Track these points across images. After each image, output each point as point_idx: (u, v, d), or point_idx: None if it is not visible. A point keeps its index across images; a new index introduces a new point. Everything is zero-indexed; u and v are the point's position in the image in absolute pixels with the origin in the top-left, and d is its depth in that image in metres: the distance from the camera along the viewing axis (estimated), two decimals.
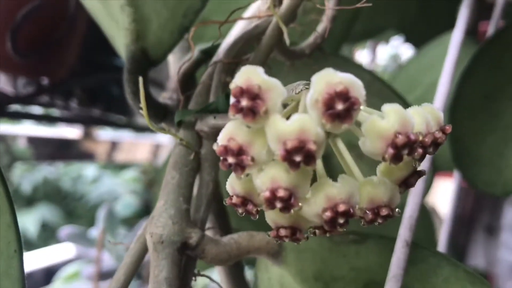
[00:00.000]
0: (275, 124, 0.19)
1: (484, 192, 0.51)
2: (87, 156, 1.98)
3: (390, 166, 0.23)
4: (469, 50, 0.56)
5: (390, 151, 0.20)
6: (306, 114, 0.20)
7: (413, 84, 0.68)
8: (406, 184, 0.24)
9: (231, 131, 0.21)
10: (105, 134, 2.04)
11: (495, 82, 0.51)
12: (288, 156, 0.19)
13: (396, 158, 0.20)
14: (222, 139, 0.21)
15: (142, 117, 0.34)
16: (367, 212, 0.22)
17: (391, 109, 0.20)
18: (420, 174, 0.24)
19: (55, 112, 1.01)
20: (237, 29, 0.36)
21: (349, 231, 0.34)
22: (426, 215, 0.65)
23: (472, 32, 0.68)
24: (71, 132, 1.77)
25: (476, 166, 0.50)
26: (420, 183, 0.34)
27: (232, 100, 0.20)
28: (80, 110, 0.93)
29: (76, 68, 0.78)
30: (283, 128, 0.19)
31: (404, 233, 0.31)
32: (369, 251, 0.33)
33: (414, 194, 0.33)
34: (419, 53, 0.70)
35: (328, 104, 0.19)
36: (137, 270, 0.31)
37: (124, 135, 2.20)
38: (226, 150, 0.20)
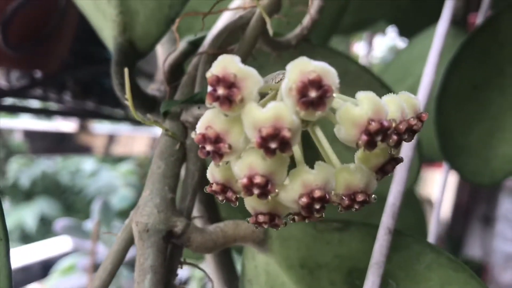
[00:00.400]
0: (250, 112, 0.20)
1: (472, 182, 0.51)
2: (84, 150, 1.98)
3: (366, 153, 0.24)
4: (457, 41, 0.56)
5: (364, 137, 0.20)
6: (282, 102, 0.20)
7: (404, 75, 0.68)
8: (383, 171, 0.24)
9: (209, 119, 0.21)
10: (101, 127, 2.04)
11: (483, 72, 0.51)
12: (264, 143, 0.20)
13: (370, 144, 0.21)
14: (200, 127, 0.21)
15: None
16: (344, 198, 0.23)
17: (364, 97, 0.21)
18: (397, 161, 0.25)
19: (50, 105, 1.01)
20: (223, 20, 0.36)
21: (333, 218, 0.34)
22: (416, 205, 0.66)
23: (462, 24, 0.68)
24: (67, 125, 1.77)
25: (464, 156, 0.50)
26: (403, 171, 0.35)
27: (208, 88, 0.20)
28: (74, 103, 0.93)
29: (68, 60, 0.78)
30: (258, 116, 0.20)
31: (386, 221, 0.32)
32: (352, 238, 0.33)
33: (397, 182, 0.34)
34: (409, 44, 0.70)
35: (302, 92, 0.19)
36: (124, 258, 0.32)
37: (121, 128, 2.20)
38: (204, 138, 0.21)
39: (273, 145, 0.20)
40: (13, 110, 0.96)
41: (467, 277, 0.31)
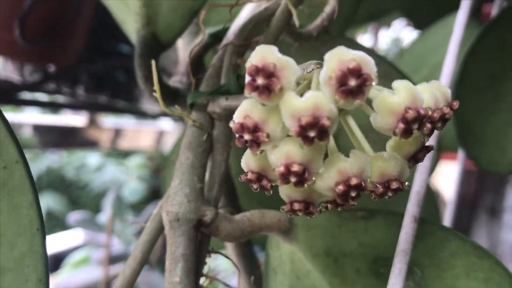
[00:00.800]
0: (289, 101, 0.20)
1: (488, 170, 0.52)
2: (91, 144, 1.99)
3: (399, 142, 0.24)
4: (472, 31, 0.56)
5: (401, 125, 0.21)
6: (320, 91, 0.21)
7: (418, 65, 0.68)
8: (415, 159, 0.25)
9: (247, 109, 0.22)
10: (109, 121, 2.05)
11: (500, 62, 0.51)
12: (303, 132, 0.20)
13: (407, 132, 0.21)
14: (238, 116, 0.22)
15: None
16: (378, 185, 0.23)
17: (401, 85, 0.21)
18: (428, 149, 0.25)
19: (61, 99, 1.01)
20: (246, 12, 0.36)
21: (358, 207, 0.34)
22: (431, 196, 0.66)
23: (475, 14, 0.68)
24: (76, 119, 1.78)
25: (480, 145, 0.51)
26: (427, 159, 0.35)
27: (247, 78, 0.21)
28: (86, 96, 0.94)
29: (82, 54, 0.78)
30: (297, 105, 0.20)
31: (412, 209, 0.32)
32: (377, 227, 0.34)
33: (421, 170, 0.34)
34: (423, 35, 0.70)
35: (341, 81, 0.20)
36: (153, 248, 0.32)
37: (128, 123, 2.21)
38: (242, 127, 0.21)
39: (312, 134, 0.20)
40: (26, 104, 0.96)
41: (492, 264, 0.31)
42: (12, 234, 0.26)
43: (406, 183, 0.23)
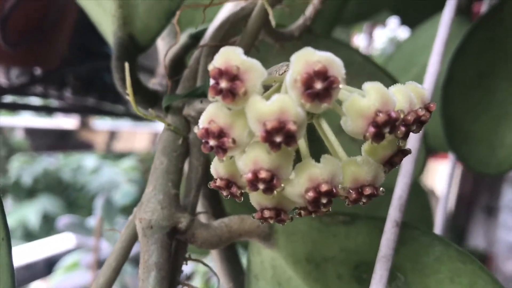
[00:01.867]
0: (254, 105, 0.19)
1: (478, 172, 0.51)
2: (86, 146, 1.98)
3: (373, 146, 0.23)
4: (462, 30, 0.55)
5: (371, 129, 0.20)
6: (286, 95, 0.20)
7: (408, 64, 0.67)
8: (390, 163, 0.24)
9: (212, 113, 0.21)
10: (103, 123, 2.04)
11: (488, 59, 0.50)
12: (269, 137, 0.19)
13: (378, 136, 0.20)
14: (203, 121, 0.21)
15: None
16: (351, 191, 0.22)
17: (371, 87, 0.20)
18: (404, 153, 0.24)
19: (50, 102, 1.00)
20: (224, 12, 0.35)
21: (339, 212, 0.34)
22: (422, 196, 0.65)
23: (466, 13, 0.67)
24: (68, 122, 1.76)
25: (470, 145, 0.50)
26: (409, 163, 0.34)
27: (211, 81, 0.20)
28: (74, 99, 0.92)
29: (68, 56, 0.77)
30: (262, 109, 0.19)
31: (393, 213, 0.31)
32: (359, 231, 0.33)
33: (403, 174, 0.33)
34: (413, 34, 0.69)
35: (307, 84, 0.19)
36: (128, 255, 0.31)
37: (123, 124, 2.20)
38: (207, 132, 0.20)
39: (278, 139, 0.19)
40: (14, 108, 0.95)
41: (477, 269, 0.31)
42: None
43: (381, 189, 0.23)
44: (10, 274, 0.25)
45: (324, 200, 0.21)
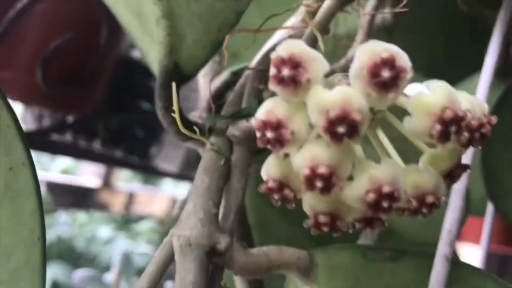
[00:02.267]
0: (317, 94, 0.19)
1: None
2: (102, 207, 1.97)
3: (434, 156, 0.22)
4: (496, 90, 0.55)
5: (438, 127, 0.19)
6: (350, 87, 0.19)
7: None
8: (450, 177, 0.23)
9: (271, 106, 0.20)
10: (123, 185, 2.05)
11: None
12: (331, 127, 0.18)
13: (444, 135, 0.19)
14: (261, 113, 0.20)
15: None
16: (412, 199, 0.21)
17: (437, 85, 0.20)
18: (464, 167, 0.23)
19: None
20: (275, 39, 0.36)
21: (384, 247, 0.32)
22: None
23: (500, 73, 0.67)
24: (91, 180, 1.77)
25: (509, 198, 0.48)
26: (459, 198, 0.33)
27: (272, 71, 0.19)
28: (102, 150, 0.93)
29: (101, 106, 0.79)
30: (325, 98, 0.19)
31: (443, 248, 0.30)
32: (406, 268, 0.31)
33: (452, 209, 0.32)
34: None
35: (374, 72, 0.18)
36: (161, 279, 0.30)
37: (141, 188, 2.21)
38: (265, 124, 0.20)
39: (341, 130, 0.18)
40: (43, 149, 0.95)
41: None
42: (10, 243, 0.24)
43: (443, 199, 0.21)
44: (42, 277, 0.24)
45: (385, 204, 0.20)
